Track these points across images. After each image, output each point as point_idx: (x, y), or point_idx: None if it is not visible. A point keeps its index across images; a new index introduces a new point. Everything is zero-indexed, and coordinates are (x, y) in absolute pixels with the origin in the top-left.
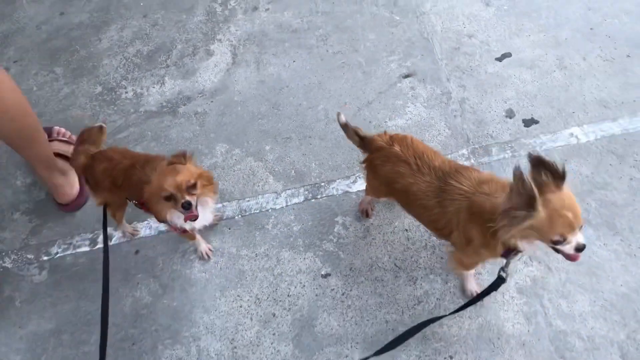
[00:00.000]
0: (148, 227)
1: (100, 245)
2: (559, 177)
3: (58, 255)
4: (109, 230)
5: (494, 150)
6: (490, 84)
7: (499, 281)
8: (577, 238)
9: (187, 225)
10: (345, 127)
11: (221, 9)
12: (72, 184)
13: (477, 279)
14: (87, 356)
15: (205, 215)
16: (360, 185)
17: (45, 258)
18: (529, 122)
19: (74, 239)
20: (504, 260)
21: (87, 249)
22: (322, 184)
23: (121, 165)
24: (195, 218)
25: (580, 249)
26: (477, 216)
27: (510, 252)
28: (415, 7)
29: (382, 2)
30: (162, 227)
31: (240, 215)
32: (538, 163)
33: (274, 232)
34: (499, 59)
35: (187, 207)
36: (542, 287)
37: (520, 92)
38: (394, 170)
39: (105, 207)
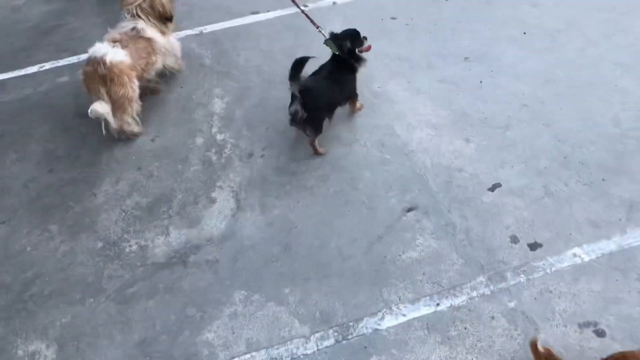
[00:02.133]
0: None
1: None
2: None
3: None
4: None
5: (509, 275)
6: (489, 213)
7: None
8: None
9: None
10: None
11: (217, 157)
12: None
13: None
14: None
15: None
16: (389, 321)
17: None
18: (533, 246)
19: None
20: None
21: None
22: (350, 323)
23: None
24: None
25: None
26: None
27: None
28: (402, 146)
29: (369, 143)
30: None
31: None
32: None
33: None
34: (491, 189)
35: None
36: None
37: (519, 218)
38: None
39: None
